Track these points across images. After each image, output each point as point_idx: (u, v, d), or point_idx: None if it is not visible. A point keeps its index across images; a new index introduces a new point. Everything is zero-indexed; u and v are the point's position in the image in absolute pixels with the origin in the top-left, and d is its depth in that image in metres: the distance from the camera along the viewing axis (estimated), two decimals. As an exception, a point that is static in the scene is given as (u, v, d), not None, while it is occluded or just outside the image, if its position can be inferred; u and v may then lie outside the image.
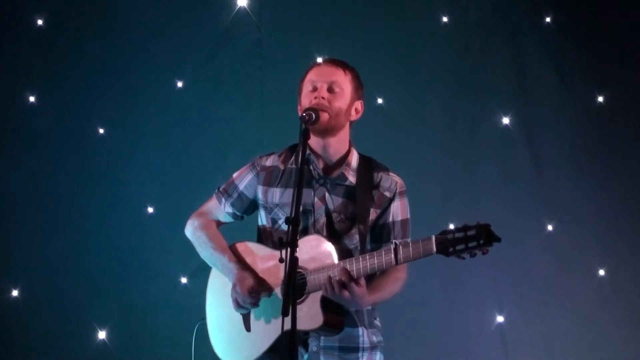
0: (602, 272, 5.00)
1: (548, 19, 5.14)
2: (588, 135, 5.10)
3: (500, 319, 4.99)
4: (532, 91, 5.13)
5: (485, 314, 4.99)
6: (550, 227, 5.05)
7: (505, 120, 5.10)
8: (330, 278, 2.77)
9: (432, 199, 4.91)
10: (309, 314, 2.79)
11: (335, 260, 2.83)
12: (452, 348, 4.92)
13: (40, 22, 5.05)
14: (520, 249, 5.01)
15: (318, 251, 2.82)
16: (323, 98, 2.96)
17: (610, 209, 5.03)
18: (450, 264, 4.90)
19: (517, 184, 5.08)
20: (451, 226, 2.72)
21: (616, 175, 5.06)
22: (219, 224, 3.22)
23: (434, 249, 2.65)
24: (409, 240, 2.92)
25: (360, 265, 2.77)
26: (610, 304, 4.98)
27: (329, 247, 2.85)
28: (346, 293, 2.76)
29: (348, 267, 2.78)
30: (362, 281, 2.79)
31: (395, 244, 2.74)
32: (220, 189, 3.20)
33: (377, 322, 3.09)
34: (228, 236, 3.20)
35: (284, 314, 2.52)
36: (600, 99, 5.10)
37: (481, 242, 2.54)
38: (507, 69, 5.14)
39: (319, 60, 3.10)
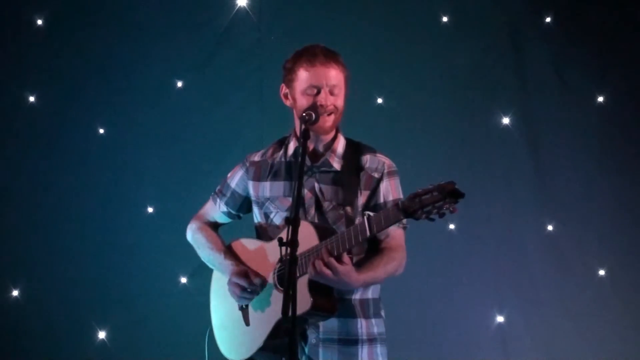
0: (602, 272, 5.00)
1: (548, 19, 5.14)
2: (588, 135, 5.10)
3: (500, 319, 4.99)
4: (532, 91, 5.12)
5: (485, 314, 4.99)
6: (550, 227, 5.04)
7: (505, 120, 5.10)
8: (312, 258, 2.77)
9: (432, 199, 4.90)
10: (298, 298, 2.75)
11: (317, 240, 2.82)
12: (452, 348, 4.92)
13: (40, 22, 5.05)
14: (520, 249, 5.02)
15: (302, 235, 2.77)
16: (332, 105, 2.98)
17: (610, 209, 5.03)
18: (450, 263, 4.96)
19: (517, 184, 5.07)
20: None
21: (616, 176, 5.05)
22: (216, 225, 3.28)
23: (401, 214, 2.63)
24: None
25: (339, 241, 2.76)
26: (610, 304, 4.97)
27: (310, 229, 2.84)
28: (328, 272, 2.74)
29: (328, 244, 2.77)
30: (346, 259, 2.78)
31: (368, 214, 2.73)
32: (217, 190, 3.25)
33: (382, 312, 3.06)
34: (227, 236, 3.22)
35: (284, 313, 2.51)
36: (600, 99, 5.10)
37: (447, 199, 2.55)
38: (507, 69, 5.14)
39: (310, 50, 3.03)
